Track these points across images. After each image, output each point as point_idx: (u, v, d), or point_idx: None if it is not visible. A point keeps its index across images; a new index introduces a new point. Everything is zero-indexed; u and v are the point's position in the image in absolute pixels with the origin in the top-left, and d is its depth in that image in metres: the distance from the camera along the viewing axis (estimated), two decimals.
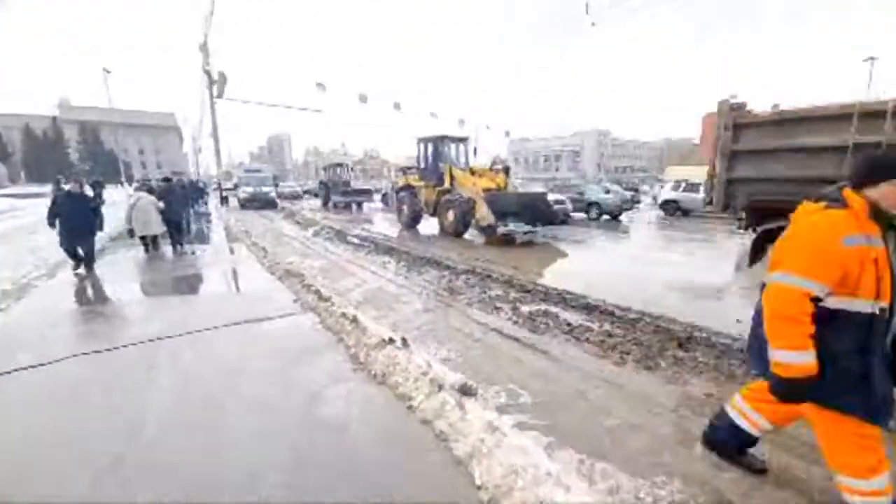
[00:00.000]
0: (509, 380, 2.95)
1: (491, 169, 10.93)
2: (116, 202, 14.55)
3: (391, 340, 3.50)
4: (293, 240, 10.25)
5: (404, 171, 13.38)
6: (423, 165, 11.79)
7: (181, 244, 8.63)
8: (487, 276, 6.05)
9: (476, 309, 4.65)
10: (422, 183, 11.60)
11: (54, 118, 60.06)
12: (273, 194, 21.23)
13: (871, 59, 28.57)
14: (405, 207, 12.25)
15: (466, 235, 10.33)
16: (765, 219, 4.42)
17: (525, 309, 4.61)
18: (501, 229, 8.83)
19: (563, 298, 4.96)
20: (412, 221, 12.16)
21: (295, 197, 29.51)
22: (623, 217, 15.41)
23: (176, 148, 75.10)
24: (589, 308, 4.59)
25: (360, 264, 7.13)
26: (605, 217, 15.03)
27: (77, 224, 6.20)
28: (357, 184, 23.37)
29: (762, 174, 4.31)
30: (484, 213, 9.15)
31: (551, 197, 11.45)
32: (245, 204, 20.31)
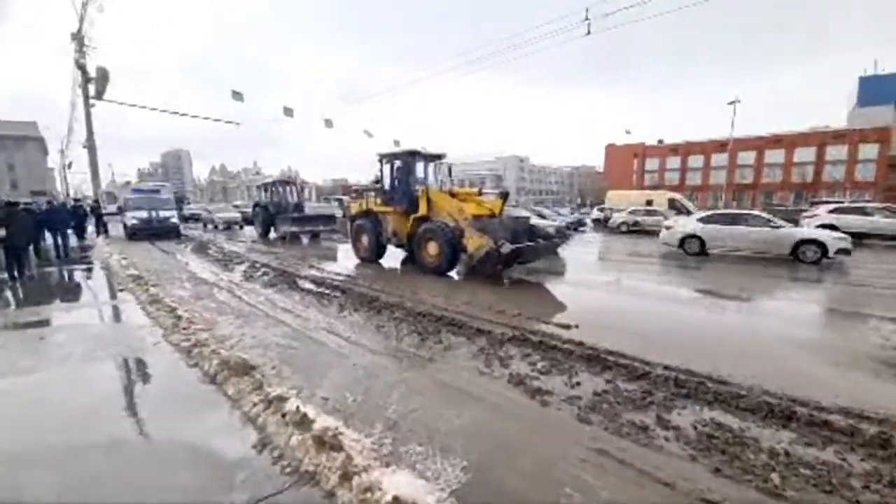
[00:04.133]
0: None
1: (480, 193, 9.16)
2: None
3: None
4: (215, 287, 7.26)
5: (359, 192, 10.97)
6: (388, 187, 9.60)
7: (22, 275, 7.96)
8: (552, 348, 4.11)
9: (607, 431, 2.68)
10: (388, 208, 9.39)
11: None
12: (175, 220, 16.70)
13: (735, 102, 33.73)
14: (365, 238, 9.87)
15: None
16: None
17: (684, 424, 2.77)
18: (506, 248, 7.05)
19: (707, 389, 3.20)
20: (376, 255, 9.80)
21: (232, 226, 22.06)
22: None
23: (37, 163, 61.83)
24: (779, 412, 2.88)
25: (340, 333, 4.71)
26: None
27: None
28: (313, 207, 18.53)
29: None
30: (479, 241, 7.32)
31: None
32: (135, 234, 15.64)
